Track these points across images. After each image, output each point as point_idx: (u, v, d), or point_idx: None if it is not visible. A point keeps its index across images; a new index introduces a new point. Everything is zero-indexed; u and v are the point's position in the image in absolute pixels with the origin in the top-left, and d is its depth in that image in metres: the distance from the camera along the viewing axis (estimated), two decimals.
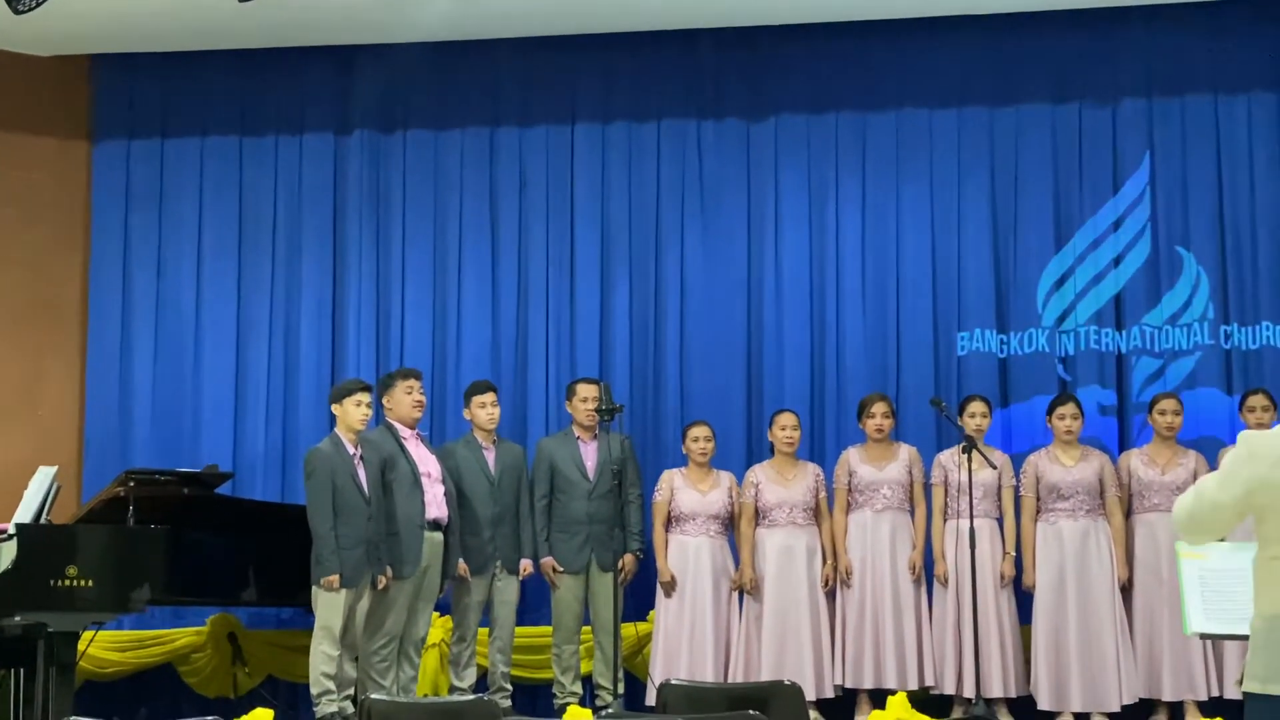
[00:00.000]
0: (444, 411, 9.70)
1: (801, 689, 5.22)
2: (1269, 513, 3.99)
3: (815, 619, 8.50)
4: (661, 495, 8.75)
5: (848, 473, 8.65)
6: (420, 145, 10.15)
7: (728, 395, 9.68)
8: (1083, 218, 9.60)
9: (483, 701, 4.93)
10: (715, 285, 9.85)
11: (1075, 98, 9.70)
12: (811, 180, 9.88)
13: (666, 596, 8.62)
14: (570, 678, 8.70)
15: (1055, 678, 8.28)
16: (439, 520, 8.26)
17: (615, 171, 10.02)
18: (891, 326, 9.67)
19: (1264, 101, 9.56)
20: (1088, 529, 8.38)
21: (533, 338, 9.91)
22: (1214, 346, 9.36)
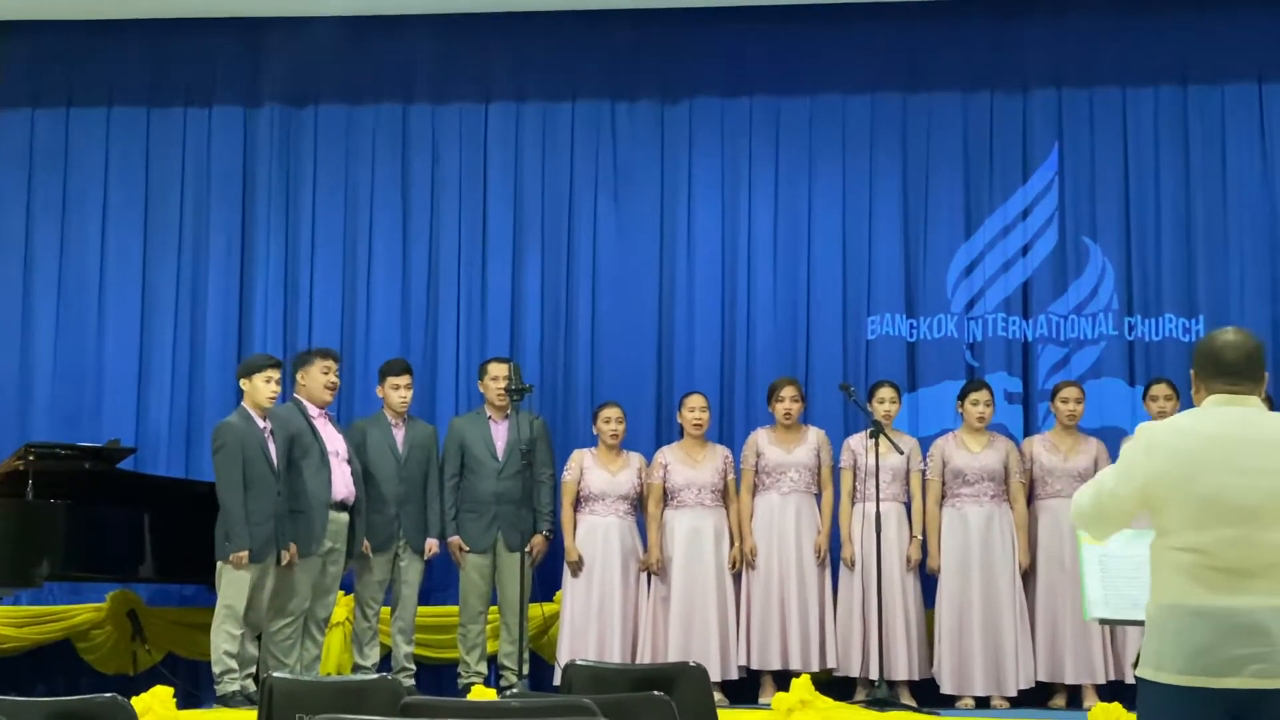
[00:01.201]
0: (351, 388, 9.62)
1: (706, 670, 5.22)
2: (1166, 504, 4.05)
3: (722, 601, 8.53)
4: (571, 475, 8.73)
5: (755, 454, 8.68)
6: (331, 121, 10.07)
7: (638, 376, 9.69)
8: (992, 206, 9.69)
9: (386, 681, 4.89)
10: (627, 267, 9.84)
11: (986, 87, 9.78)
12: (725, 164, 9.89)
13: (574, 577, 8.62)
14: (475, 657, 8.68)
15: (958, 661, 8.35)
16: (346, 500, 8.19)
17: (529, 151, 9.99)
18: (802, 310, 9.72)
19: (1169, 95, 9.67)
20: (992, 514, 8.46)
21: (443, 316, 9.87)
22: (1118, 337, 9.47)
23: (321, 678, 7.21)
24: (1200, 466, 4.02)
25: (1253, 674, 3.89)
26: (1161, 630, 4.02)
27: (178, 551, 8.54)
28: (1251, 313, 9.35)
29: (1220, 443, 4.05)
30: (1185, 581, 4.00)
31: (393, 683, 4.86)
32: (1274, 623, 3.91)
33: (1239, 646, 3.90)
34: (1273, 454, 4.02)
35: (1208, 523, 3.98)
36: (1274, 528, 3.96)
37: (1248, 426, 4.08)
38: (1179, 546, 4.02)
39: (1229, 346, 4.18)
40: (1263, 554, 3.95)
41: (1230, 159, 9.56)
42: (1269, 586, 3.94)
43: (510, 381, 8.54)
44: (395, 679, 5.09)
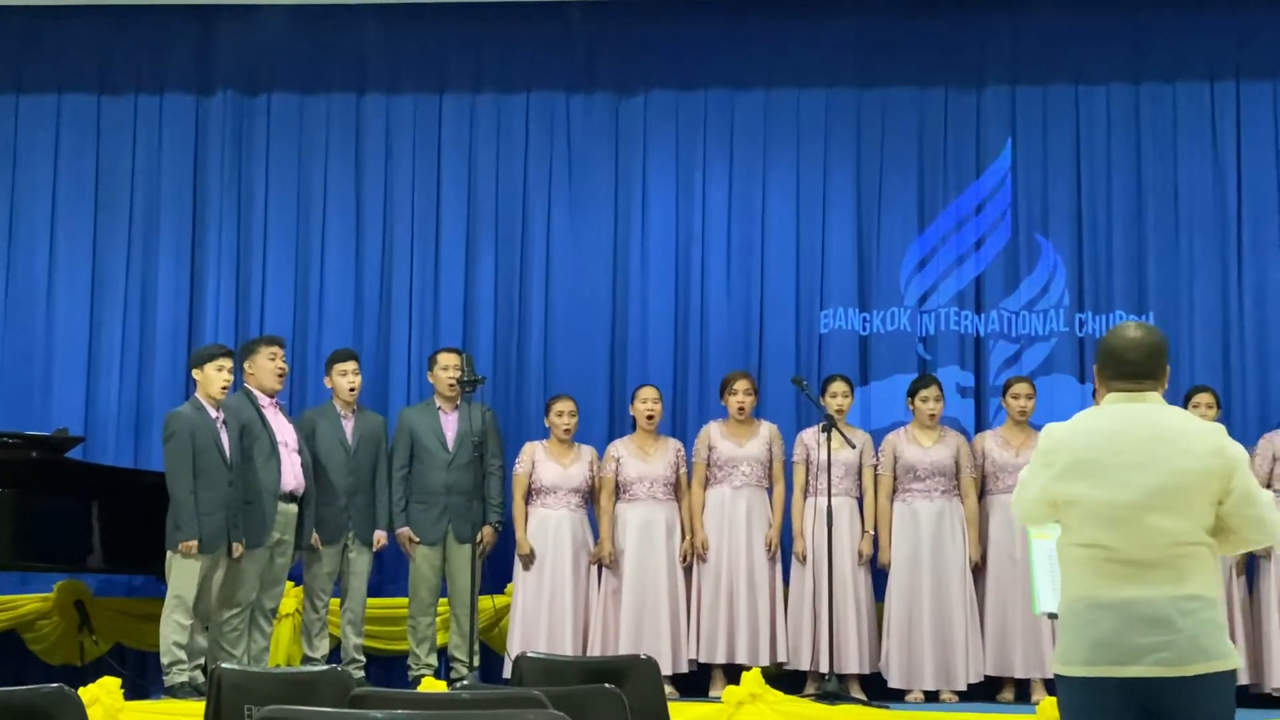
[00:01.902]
0: (304, 379, 9.60)
1: (657, 663, 5.22)
2: (1065, 506, 4.16)
3: (673, 594, 8.53)
4: (522, 468, 8.72)
5: (707, 448, 8.68)
6: (284, 110, 10.02)
7: (591, 369, 9.68)
8: (945, 200, 9.72)
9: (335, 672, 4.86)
10: (581, 259, 9.84)
11: (940, 82, 9.81)
12: (679, 157, 9.90)
13: (525, 569, 8.60)
14: (425, 649, 8.65)
15: (907, 656, 8.38)
16: (295, 491, 8.15)
17: (483, 143, 9.96)
18: (755, 303, 9.73)
19: (1122, 93, 9.73)
20: (943, 509, 8.49)
21: (396, 307, 9.84)
22: (1069, 334, 9.52)
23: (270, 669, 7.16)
24: (1096, 464, 4.11)
25: (1154, 662, 3.96)
26: (1069, 625, 4.12)
27: (126, 541, 8.48)
28: (1201, 310, 9.43)
29: (1115, 439, 4.13)
30: (1088, 576, 4.08)
31: (342, 674, 4.83)
32: (1175, 612, 3.97)
33: (1141, 636, 3.97)
34: (1164, 446, 4.09)
35: (1105, 518, 4.06)
36: (1167, 517, 4.02)
37: (1136, 423, 4.15)
38: (1080, 543, 4.11)
39: (1131, 345, 4.24)
40: (1159, 544, 4.01)
41: (1181, 157, 9.63)
42: (1168, 576, 4.00)
43: (463, 373, 8.52)
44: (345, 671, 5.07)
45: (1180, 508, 4.03)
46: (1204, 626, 3.99)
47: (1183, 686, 3.96)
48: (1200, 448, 4.08)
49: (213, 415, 7.90)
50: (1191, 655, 3.96)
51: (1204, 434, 4.13)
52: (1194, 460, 4.06)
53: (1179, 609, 3.98)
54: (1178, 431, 4.12)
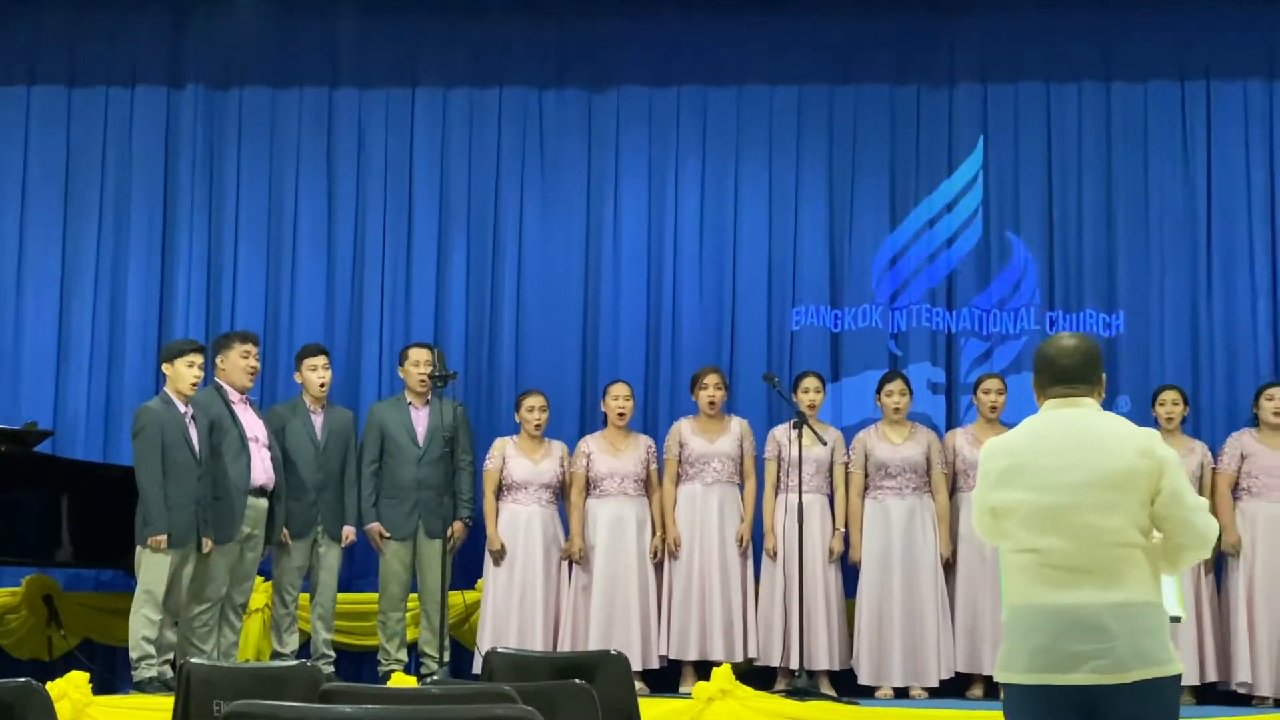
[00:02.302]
0: (275, 374, 9.57)
1: (628, 659, 5.23)
2: (1004, 515, 4.19)
3: (644, 590, 8.54)
4: (493, 463, 8.71)
5: (679, 444, 8.68)
6: (256, 103, 9.99)
7: (562, 365, 9.68)
8: (917, 198, 9.75)
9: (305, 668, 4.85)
10: (553, 255, 9.83)
11: (913, 80, 9.83)
12: (652, 153, 9.90)
13: (496, 565, 8.59)
14: (395, 645, 8.64)
15: (877, 652, 8.40)
16: (265, 486, 8.13)
17: (455, 137, 9.95)
18: (727, 300, 9.74)
19: (1093, 91, 9.76)
20: (914, 507, 8.51)
21: (368, 302, 9.82)
22: (1039, 332, 9.54)
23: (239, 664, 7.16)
24: (1028, 470, 4.15)
25: (1091, 670, 3.98)
26: (1010, 631, 4.15)
27: (96, 536, 8.45)
28: (1171, 309, 9.47)
29: (1045, 447, 4.17)
30: (1026, 582, 4.11)
31: (311, 669, 4.82)
32: (1111, 618, 3.99)
33: (1077, 643, 3.99)
34: (1085, 452, 4.11)
35: (1039, 525, 4.09)
36: (1100, 515, 4.04)
37: (1072, 428, 4.19)
38: (1018, 549, 4.16)
39: (1063, 352, 4.29)
40: (1095, 545, 4.03)
41: (1152, 156, 9.67)
42: (1105, 582, 4.02)
43: (434, 368, 8.51)
44: (314, 666, 5.05)
45: (1111, 506, 4.05)
46: (1143, 632, 3.99)
47: (1123, 693, 3.97)
48: (1127, 449, 4.10)
49: (182, 410, 7.87)
50: (1130, 662, 3.97)
51: (1132, 437, 4.15)
52: (1120, 461, 4.07)
53: (1115, 615, 3.99)
54: (1106, 435, 4.15)
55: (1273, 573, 8.26)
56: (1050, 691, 4.02)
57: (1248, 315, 9.49)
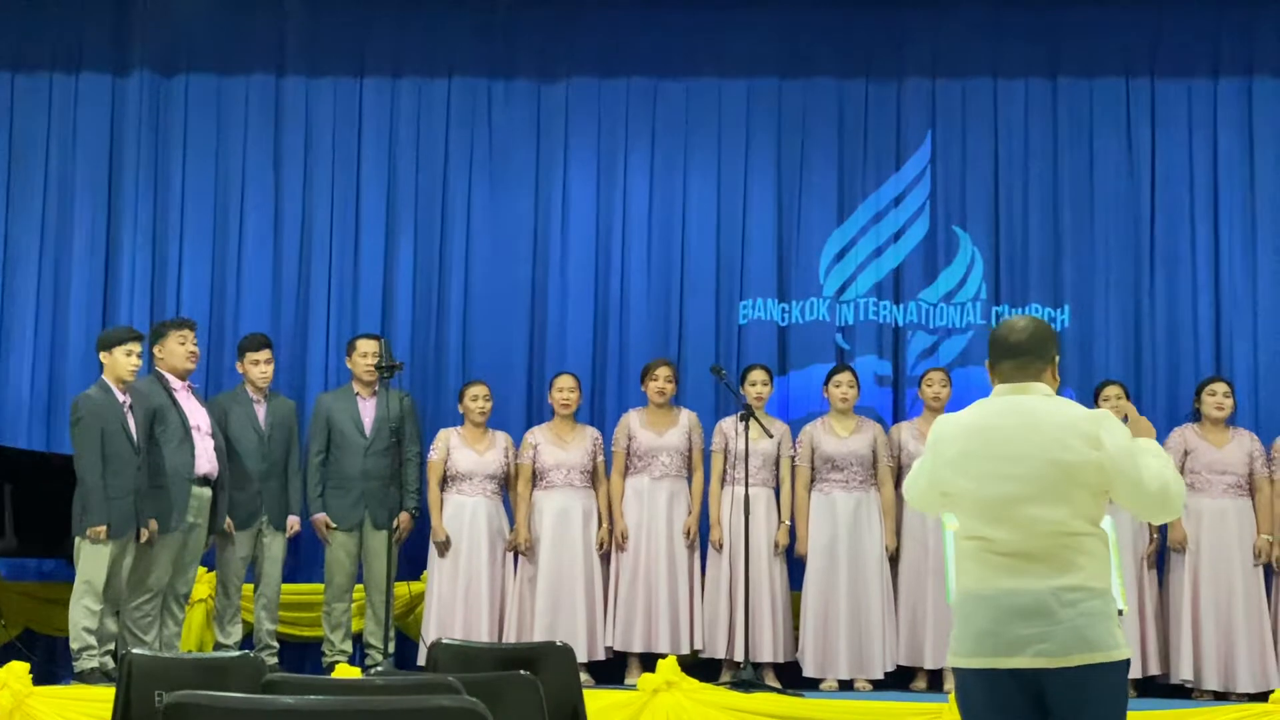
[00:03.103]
0: (219, 362, 9.50)
1: (573, 650, 5.22)
2: (954, 497, 4.23)
3: (589, 582, 8.54)
4: (437, 454, 8.69)
5: (627, 437, 8.68)
6: (203, 91, 9.91)
7: (510, 356, 9.66)
8: (865, 192, 9.77)
9: (248, 658, 4.83)
10: (501, 246, 9.81)
11: (862, 74, 9.85)
12: (601, 144, 9.89)
13: (440, 556, 8.57)
14: (340, 636, 8.61)
15: (822, 645, 8.43)
16: (209, 475, 8.08)
17: (404, 127, 9.91)
18: (675, 292, 9.74)
19: (1039, 88, 9.81)
20: (860, 500, 8.54)
21: (314, 291, 9.77)
22: (985, 326, 9.59)
23: (182, 654, 7.11)
24: (977, 458, 4.18)
25: (1035, 654, 4.02)
26: (958, 616, 4.20)
27: (37, 525, 8.38)
28: (1115, 304, 9.54)
29: (994, 432, 4.19)
30: (974, 568, 4.15)
31: (255, 660, 4.80)
32: (1056, 603, 4.02)
33: (1021, 627, 4.03)
34: (1029, 441, 4.13)
35: (987, 511, 4.13)
36: (1045, 507, 4.07)
37: (1013, 415, 4.21)
38: (966, 535, 4.20)
39: (1014, 332, 4.33)
40: (1039, 535, 4.06)
41: (1097, 152, 9.73)
42: (1051, 568, 4.05)
43: (381, 358, 8.48)
44: (257, 656, 5.03)
45: (1057, 498, 4.07)
46: (1087, 617, 4.02)
47: (1067, 677, 4.00)
48: (1077, 441, 4.10)
49: (120, 399, 7.80)
50: (1073, 646, 4.00)
51: (1082, 427, 4.13)
52: (1069, 453, 4.09)
53: (1060, 600, 4.02)
54: (1055, 425, 4.15)
55: (1216, 567, 8.33)
56: (996, 675, 4.04)
57: (1189, 311, 9.56)
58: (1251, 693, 8.15)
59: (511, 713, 4.19)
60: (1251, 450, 8.49)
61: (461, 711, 3.06)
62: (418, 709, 3.11)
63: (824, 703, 7.52)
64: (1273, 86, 9.70)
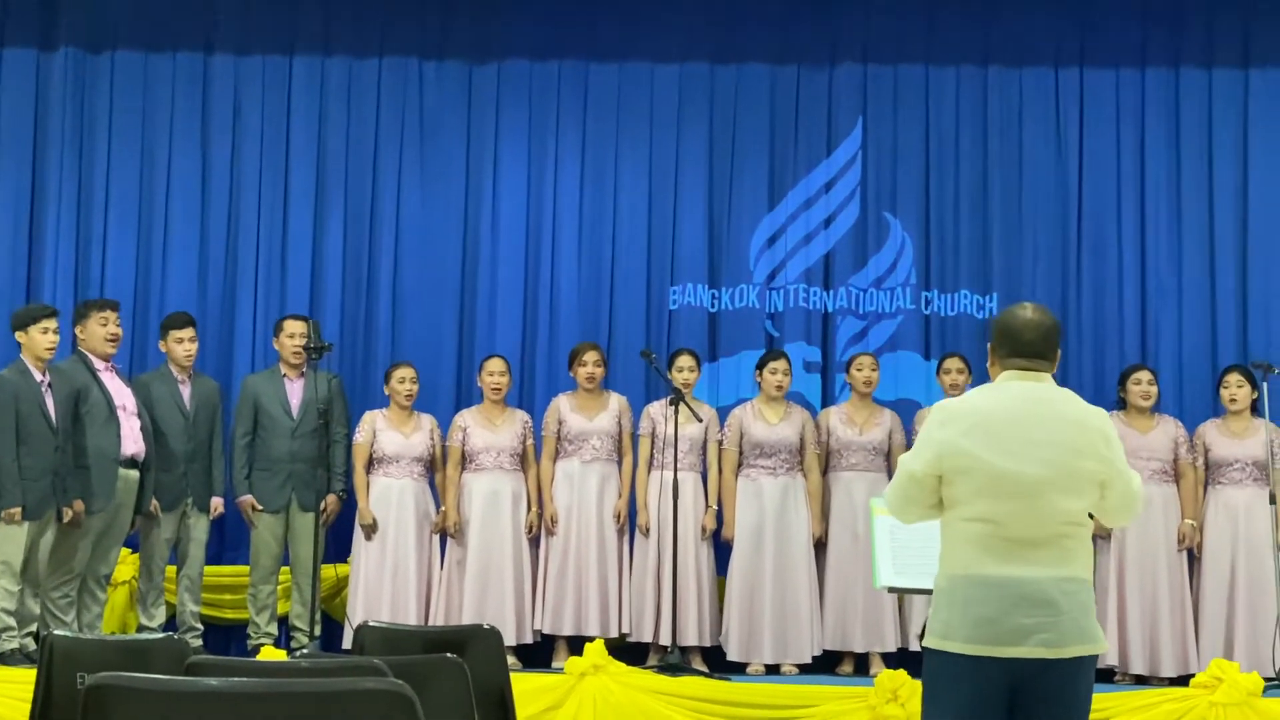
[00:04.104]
0: (144, 341, 9.40)
1: (500, 633, 5.20)
2: (957, 475, 4.14)
3: (518, 565, 8.52)
4: (363, 436, 8.64)
5: (556, 421, 8.67)
6: (129, 68, 9.79)
7: (439, 338, 9.63)
8: (796, 178, 9.79)
9: (171, 640, 4.78)
10: (431, 227, 9.76)
11: (794, 60, 9.86)
12: (532, 127, 9.85)
13: (367, 539, 8.54)
14: (266, 618, 8.56)
15: (747, 629, 8.45)
16: (136, 456, 8.00)
17: (333, 106, 9.83)
18: (606, 277, 9.73)
19: (970, 76, 9.86)
20: (787, 485, 8.56)
21: (242, 271, 9.68)
22: (915, 311, 9.64)
23: (104, 636, 7.03)
24: (991, 440, 4.12)
25: (1037, 644, 4.00)
26: (950, 600, 4.11)
27: None
28: (1043, 292, 9.59)
29: (1011, 417, 4.15)
30: (974, 552, 4.09)
31: (178, 643, 4.75)
32: (1058, 593, 4.02)
33: (1024, 616, 4.01)
34: (1060, 428, 4.14)
35: (997, 494, 4.08)
36: (1059, 499, 4.08)
37: (1038, 403, 4.19)
38: (969, 517, 4.11)
39: (1028, 325, 4.29)
40: (1049, 525, 4.06)
41: (1026, 141, 9.79)
42: (1054, 557, 4.05)
43: (309, 339, 8.42)
44: (181, 639, 4.98)
45: (1077, 489, 4.10)
46: (1083, 609, 4.07)
47: (1058, 667, 4.02)
48: (1096, 437, 4.16)
49: (38, 379, 7.70)
50: (1072, 637, 4.02)
51: (1098, 420, 4.22)
52: (1090, 446, 4.13)
53: (1062, 590, 4.03)
54: (1076, 414, 4.20)
55: (1142, 553, 8.40)
56: (988, 663, 4.03)
57: (1115, 299, 9.65)
58: (1173, 677, 8.24)
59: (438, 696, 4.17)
60: (1176, 437, 8.58)
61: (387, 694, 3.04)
62: (343, 691, 3.09)
63: (749, 686, 7.54)
64: (1198, 77, 9.79)
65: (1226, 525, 8.44)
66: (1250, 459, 8.46)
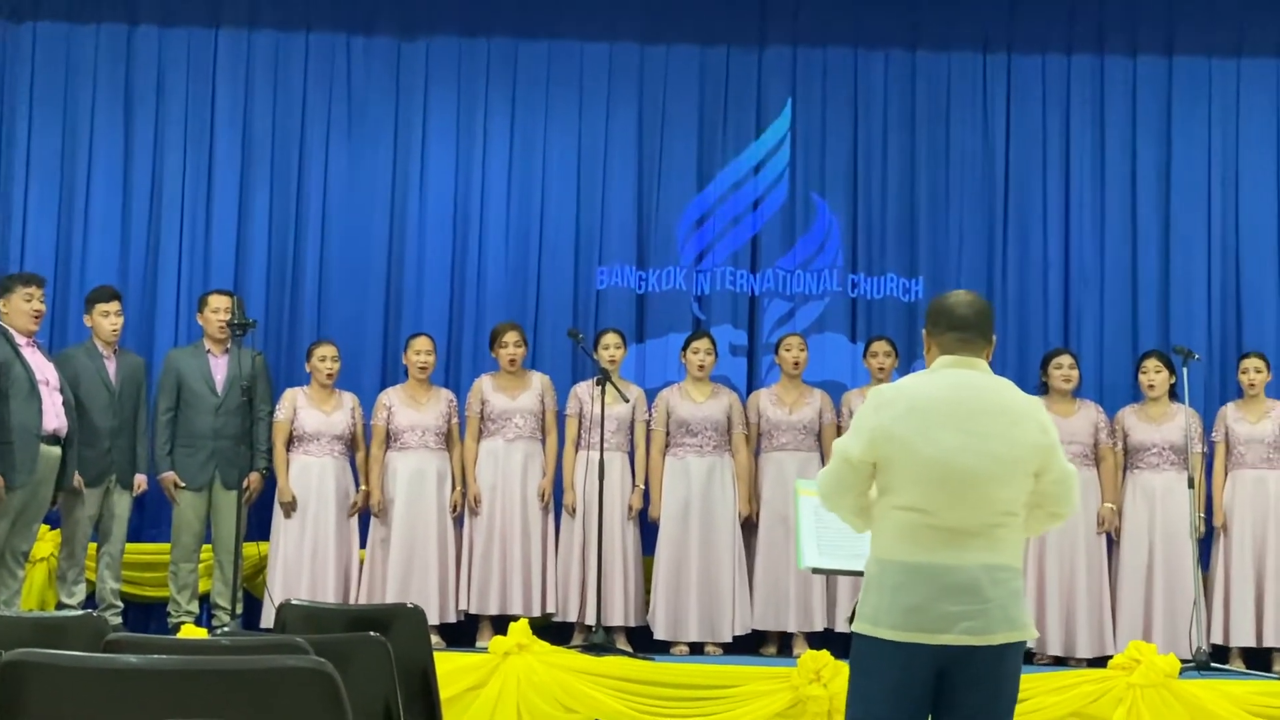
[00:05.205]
0: (64, 316, 9.31)
1: (424, 612, 5.18)
2: (892, 463, 4.15)
3: (443, 544, 8.50)
4: (283, 414, 8.59)
5: (480, 401, 8.64)
6: (51, 38, 9.66)
7: (365, 315, 9.57)
8: (725, 160, 9.79)
9: (90, 618, 4.73)
10: (358, 204, 9.69)
11: (723, 40, 9.85)
12: (460, 104, 9.80)
13: (286, 518, 8.48)
14: (187, 596, 8.50)
15: (673, 608, 8.46)
16: (58, 432, 7.90)
17: (259, 81, 9.74)
18: (534, 256, 9.70)
19: (899, 60, 9.89)
20: (714, 465, 8.57)
21: (165, 246, 9.58)
22: (841, 294, 9.68)
23: (21, 613, 6.96)
24: (926, 427, 4.13)
25: (963, 631, 4.03)
26: (880, 586, 4.13)
27: None
28: (969, 275, 9.65)
29: (946, 405, 4.16)
30: (905, 539, 4.11)
31: (97, 620, 4.70)
32: (987, 581, 4.05)
33: (952, 604, 4.03)
34: (995, 418, 4.16)
35: (929, 483, 4.09)
36: (993, 489, 4.09)
37: (974, 390, 4.20)
38: (901, 505, 4.13)
39: (962, 305, 4.31)
40: (981, 515, 4.08)
41: (953, 125, 9.84)
42: (985, 545, 4.07)
43: (233, 315, 8.35)
44: (100, 616, 4.93)
45: (1011, 479, 4.11)
46: (1011, 597, 4.08)
47: (984, 654, 4.04)
48: (1032, 425, 4.17)
49: None
50: (999, 624, 4.05)
51: (1033, 408, 4.23)
52: (1027, 434, 4.14)
53: (991, 578, 4.06)
54: (1013, 405, 4.20)
55: (1061, 536, 8.48)
56: (915, 649, 4.05)
57: (1039, 284, 9.73)
58: (1090, 658, 8.34)
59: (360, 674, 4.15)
60: (1097, 421, 8.66)
61: (308, 672, 3.02)
62: (264, 669, 3.06)
63: (673, 666, 7.55)
64: (1122, 65, 9.87)
65: (1144, 509, 8.54)
66: (1168, 444, 8.55)
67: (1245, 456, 8.55)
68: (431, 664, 4.95)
